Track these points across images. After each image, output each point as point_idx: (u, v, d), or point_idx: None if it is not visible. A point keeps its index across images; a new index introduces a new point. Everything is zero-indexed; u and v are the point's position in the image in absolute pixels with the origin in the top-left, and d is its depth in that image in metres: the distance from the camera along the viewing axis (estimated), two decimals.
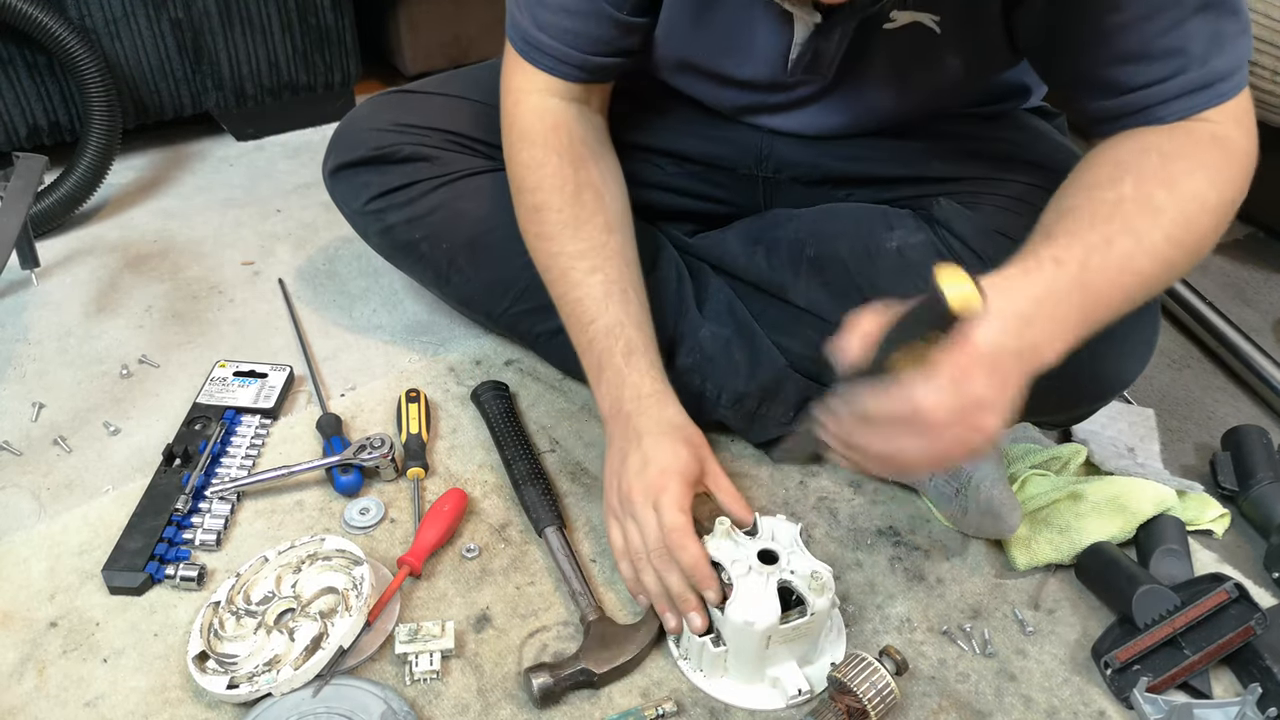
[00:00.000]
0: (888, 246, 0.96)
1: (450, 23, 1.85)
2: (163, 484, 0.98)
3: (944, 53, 0.85)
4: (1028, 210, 0.93)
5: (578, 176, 0.92)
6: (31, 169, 1.19)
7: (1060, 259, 0.70)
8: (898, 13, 0.82)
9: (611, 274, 0.92)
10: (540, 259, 0.96)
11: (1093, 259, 0.70)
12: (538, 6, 0.90)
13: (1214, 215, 0.75)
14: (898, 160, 1.01)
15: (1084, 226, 0.72)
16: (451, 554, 0.94)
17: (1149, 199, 0.73)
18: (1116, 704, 0.83)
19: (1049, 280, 0.69)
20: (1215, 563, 0.96)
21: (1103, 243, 0.71)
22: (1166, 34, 0.74)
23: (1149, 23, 0.74)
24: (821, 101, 0.94)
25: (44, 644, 0.85)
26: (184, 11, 1.51)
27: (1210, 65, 0.75)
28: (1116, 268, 0.71)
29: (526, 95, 0.95)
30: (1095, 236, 0.71)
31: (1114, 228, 0.71)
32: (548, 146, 0.93)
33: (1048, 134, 1.02)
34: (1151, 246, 0.72)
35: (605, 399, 0.91)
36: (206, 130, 1.73)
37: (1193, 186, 0.74)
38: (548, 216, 0.94)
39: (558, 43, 0.91)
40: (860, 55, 0.87)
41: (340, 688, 0.79)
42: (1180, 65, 0.75)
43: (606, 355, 0.91)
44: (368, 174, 1.09)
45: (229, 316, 1.28)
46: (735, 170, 1.08)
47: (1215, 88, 0.76)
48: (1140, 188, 0.73)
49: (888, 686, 0.75)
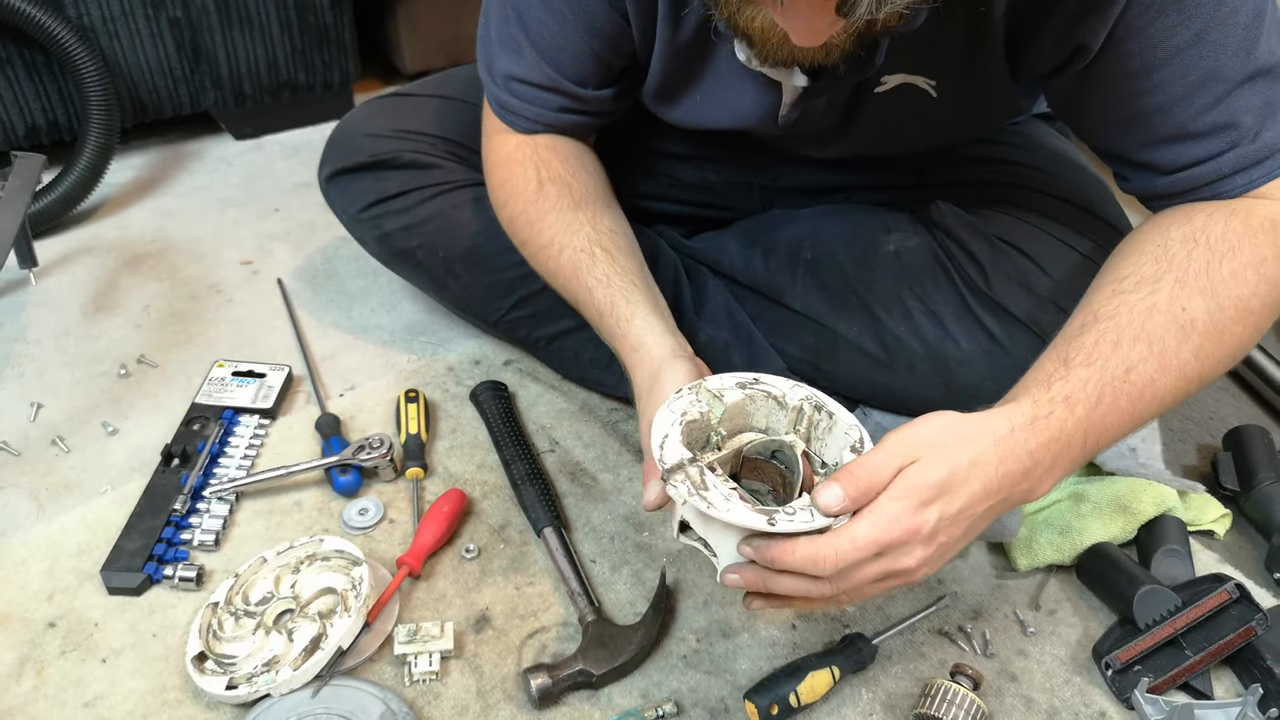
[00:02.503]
0: (885, 249, 0.96)
1: (449, 21, 1.85)
2: (161, 484, 0.98)
3: (942, 112, 0.83)
4: (1025, 213, 0.94)
5: (539, 174, 0.92)
6: (30, 168, 1.18)
7: (1072, 398, 0.66)
8: (888, 76, 0.80)
9: (578, 244, 0.89)
10: (530, 263, 0.95)
11: (1107, 393, 0.66)
12: (508, 80, 0.91)
13: (1256, 319, 0.70)
14: (896, 170, 1.01)
15: (1106, 350, 0.67)
16: (450, 554, 0.94)
17: (1183, 310, 0.68)
18: (1117, 705, 0.83)
19: (1055, 429, 0.65)
20: (1216, 563, 0.96)
21: (1122, 372, 0.67)
22: (1210, 110, 0.70)
23: (1188, 102, 0.70)
24: (818, 137, 0.93)
25: (42, 644, 0.84)
26: (182, 10, 1.51)
27: (1263, 138, 0.71)
28: (1133, 396, 0.67)
29: (497, 135, 0.96)
30: (1116, 364, 0.67)
31: (1138, 352, 0.67)
32: (511, 161, 0.93)
33: (1048, 137, 1.02)
34: (1178, 365, 0.68)
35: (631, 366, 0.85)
36: (205, 129, 1.73)
37: (1236, 291, 0.69)
38: (517, 220, 0.93)
39: (529, 106, 0.91)
40: (854, 113, 0.86)
41: (339, 688, 0.79)
42: (1231, 140, 0.71)
43: (600, 327, 0.87)
44: (364, 181, 1.09)
45: (227, 316, 1.28)
46: (732, 179, 1.08)
47: (1273, 160, 0.71)
48: (1176, 296, 0.69)
49: (974, 704, 0.75)
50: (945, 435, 0.64)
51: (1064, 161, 0.99)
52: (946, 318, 0.92)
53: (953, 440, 0.63)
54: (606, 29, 0.85)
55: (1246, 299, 0.69)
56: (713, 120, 0.91)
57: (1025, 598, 0.92)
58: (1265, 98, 0.70)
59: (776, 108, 0.85)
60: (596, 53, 0.87)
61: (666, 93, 0.90)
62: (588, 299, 0.87)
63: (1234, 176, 0.73)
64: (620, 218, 0.94)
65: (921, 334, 0.93)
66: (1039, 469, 0.65)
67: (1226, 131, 0.71)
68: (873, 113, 0.85)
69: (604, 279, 0.86)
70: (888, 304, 0.94)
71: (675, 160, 1.08)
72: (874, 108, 0.84)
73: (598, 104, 0.92)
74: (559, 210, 0.90)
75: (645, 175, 1.09)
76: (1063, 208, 0.93)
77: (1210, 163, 0.73)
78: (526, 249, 0.94)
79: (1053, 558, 0.93)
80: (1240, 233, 0.71)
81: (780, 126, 0.87)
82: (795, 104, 0.83)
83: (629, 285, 0.86)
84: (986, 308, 0.91)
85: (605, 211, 0.92)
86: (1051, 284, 0.89)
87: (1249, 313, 0.70)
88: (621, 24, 0.84)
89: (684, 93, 0.89)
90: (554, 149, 0.93)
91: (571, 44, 0.86)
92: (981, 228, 0.93)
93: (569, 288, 0.90)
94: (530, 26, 0.87)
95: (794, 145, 0.97)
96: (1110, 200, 0.96)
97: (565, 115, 0.92)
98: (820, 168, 1.02)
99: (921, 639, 0.88)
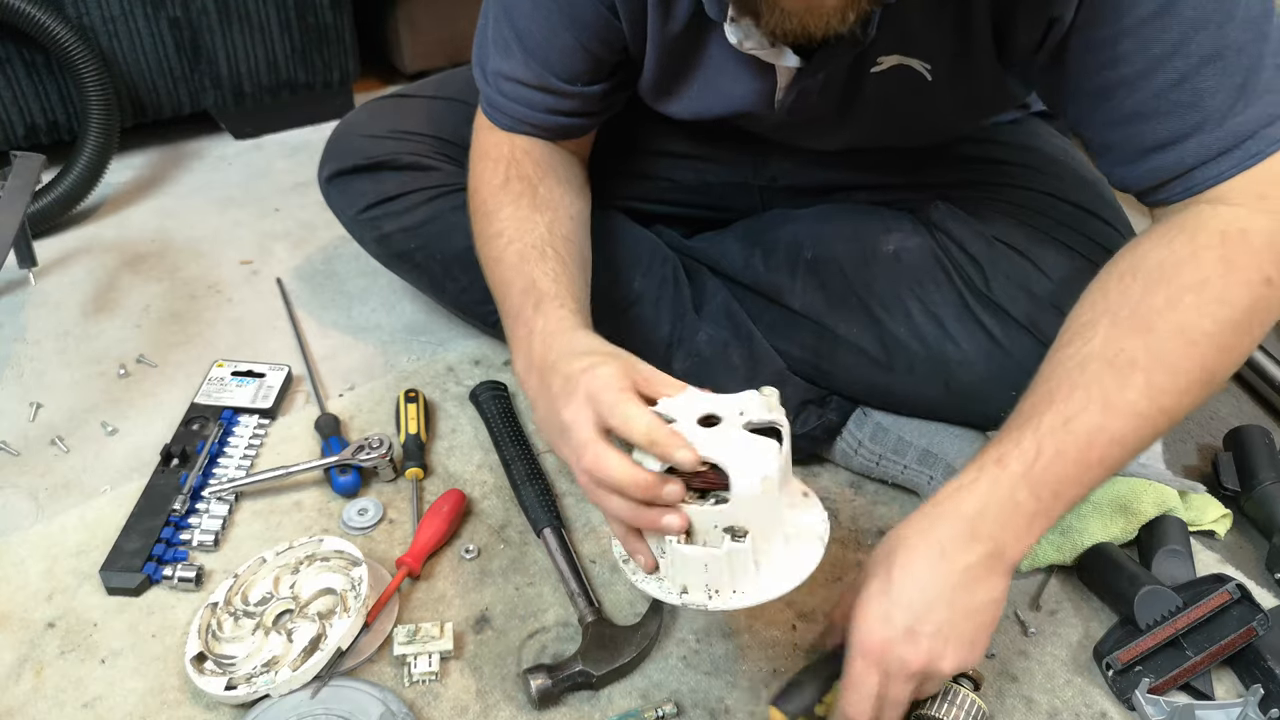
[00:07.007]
0: (885, 250, 0.96)
1: (449, 21, 1.85)
2: (160, 484, 0.98)
3: (936, 96, 0.83)
4: (1025, 214, 0.94)
5: (507, 172, 0.91)
6: (29, 168, 1.18)
7: (1003, 458, 0.66)
8: (884, 56, 0.80)
9: (529, 240, 0.84)
10: (478, 255, 0.91)
11: (1046, 446, 0.66)
12: (498, 78, 0.91)
13: (1212, 343, 0.67)
14: (895, 168, 1.01)
15: (1041, 406, 0.67)
16: (450, 555, 0.94)
17: (1119, 354, 0.67)
18: (1118, 705, 0.82)
19: (986, 490, 0.66)
20: (1217, 563, 0.96)
21: (1061, 424, 0.66)
22: (1174, 89, 0.68)
23: (1151, 76, 0.68)
24: (816, 124, 0.92)
25: (41, 645, 0.84)
26: (182, 10, 1.51)
27: (1230, 124, 0.68)
28: (1081, 446, 0.66)
29: (484, 130, 0.95)
30: (1051, 419, 0.66)
31: (1074, 404, 0.66)
32: (486, 158, 0.93)
33: (1047, 136, 1.02)
34: (1127, 407, 0.66)
35: (518, 361, 0.79)
36: (204, 129, 1.73)
37: (1176, 320, 0.67)
38: (476, 212, 0.92)
39: (517, 105, 0.91)
40: (851, 95, 0.85)
41: (338, 689, 0.79)
42: (1194, 122, 0.68)
43: (518, 316, 0.80)
44: (363, 182, 1.09)
45: (227, 316, 1.28)
46: (731, 180, 1.08)
47: (1241, 149, 0.68)
48: (1110, 341, 0.67)
49: (974, 705, 0.75)
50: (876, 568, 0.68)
51: (1063, 162, 0.99)
52: (946, 318, 0.92)
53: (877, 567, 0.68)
54: (593, 23, 0.85)
55: (1192, 325, 0.67)
56: (710, 110, 0.90)
57: (1026, 598, 0.92)
58: (1236, 79, 0.67)
59: (773, 92, 0.85)
60: (585, 46, 0.86)
61: (662, 86, 0.90)
62: (519, 280, 0.81)
63: (1200, 169, 0.70)
64: (580, 231, 0.91)
65: (921, 334, 0.93)
66: (984, 528, 0.66)
67: (1189, 112, 0.68)
68: (870, 96, 0.85)
69: (552, 274, 0.82)
70: (887, 304, 0.94)
71: (674, 161, 1.08)
72: (871, 91, 0.84)
73: (588, 102, 0.91)
74: (517, 206, 0.88)
75: (643, 177, 1.09)
76: (1062, 208, 0.93)
77: (1173, 149, 0.70)
78: (478, 240, 0.91)
79: (1053, 558, 0.93)
80: (1182, 255, 0.69)
81: (778, 111, 0.87)
82: (791, 86, 0.83)
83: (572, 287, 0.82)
84: (986, 308, 0.91)
85: (565, 220, 0.89)
86: (1051, 285, 0.89)
87: (1202, 336, 0.67)
88: (609, 18, 0.84)
89: (680, 84, 0.89)
90: (530, 152, 0.92)
91: (559, 39, 0.86)
92: (981, 229, 0.93)
93: (503, 275, 0.83)
94: (518, 23, 0.87)
95: (792, 135, 0.96)
96: (1110, 201, 0.96)
97: (552, 117, 0.92)
98: (819, 165, 1.02)
99: None
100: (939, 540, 0.66)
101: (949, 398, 0.94)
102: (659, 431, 0.65)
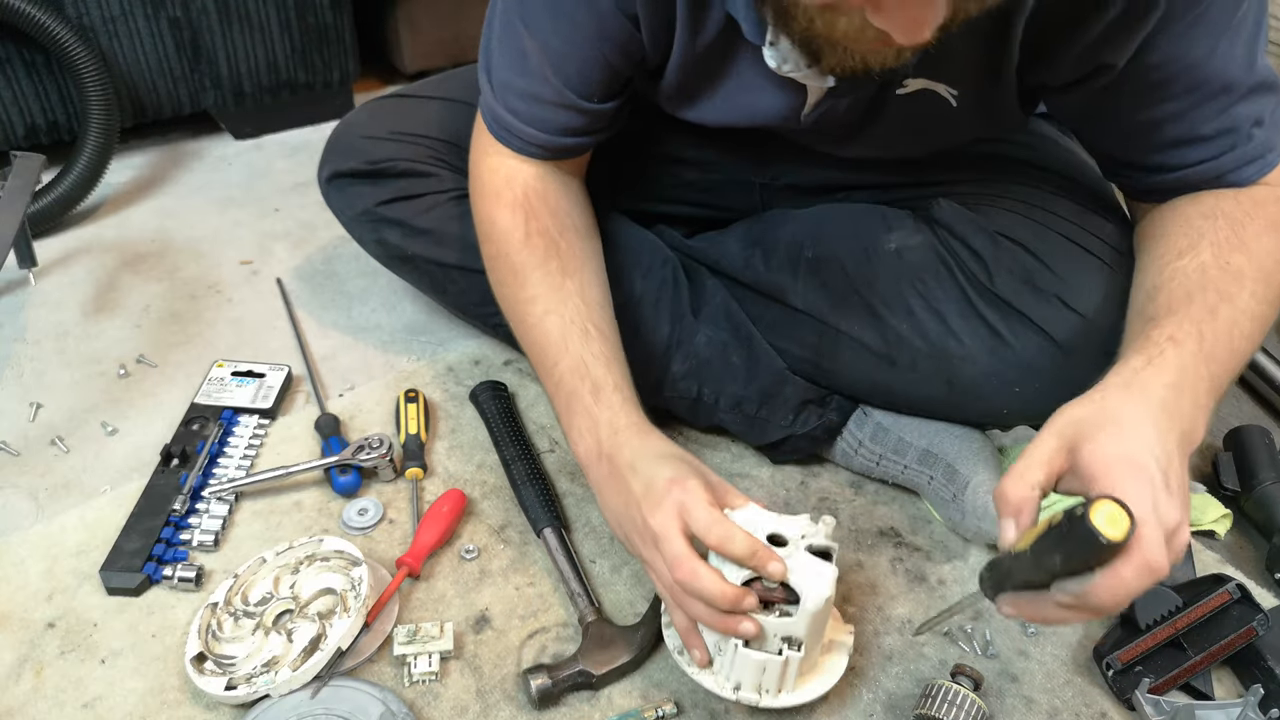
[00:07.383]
0: (886, 248, 0.96)
1: (449, 21, 1.85)
2: (160, 484, 0.98)
3: (958, 119, 0.85)
4: (1028, 210, 0.93)
5: (527, 225, 0.90)
6: (29, 168, 1.18)
7: (1176, 338, 0.70)
8: (910, 79, 0.81)
9: (568, 314, 0.87)
10: (501, 305, 0.94)
11: (1205, 330, 0.70)
12: (506, 91, 0.89)
13: None
14: (897, 168, 1.01)
15: (1181, 300, 0.72)
16: (450, 555, 0.94)
17: (1228, 264, 0.74)
18: (1118, 705, 0.82)
19: (1176, 363, 0.68)
20: (1217, 563, 0.96)
21: (1207, 313, 0.71)
22: (1217, 118, 0.76)
23: (1199, 111, 0.75)
24: (834, 134, 0.92)
25: (41, 645, 0.84)
26: (182, 10, 1.51)
27: (1258, 139, 0.77)
28: (1226, 333, 0.71)
29: (488, 156, 0.94)
30: (1198, 308, 0.71)
31: (1210, 296, 0.72)
32: (499, 199, 0.92)
33: (1049, 135, 1.02)
34: (1246, 308, 0.73)
35: (580, 443, 0.83)
36: (204, 129, 1.73)
37: (1265, 245, 0.75)
38: (499, 264, 0.92)
39: (527, 126, 0.89)
40: (875, 112, 0.86)
41: (338, 689, 0.79)
42: (1231, 143, 0.77)
43: (575, 396, 0.84)
44: (362, 185, 1.09)
45: (227, 316, 1.28)
46: (732, 178, 1.07)
47: (1264, 159, 0.78)
48: (1218, 254, 0.74)
49: (975, 705, 0.75)
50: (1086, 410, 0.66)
51: (1065, 157, 0.99)
52: (949, 314, 0.92)
53: (1094, 413, 0.66)
54: (617, 34, 0.83)
55: (1276, 251, 0.76)
56: (733, 119, 0.90)
57: None
58: (1261, 108, 0.76)
59: (800, 107, 0.85)
60: (607, 58, 0.85)
61: (685, 94, 0.89)
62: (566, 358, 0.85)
63: (1231, 174, 0.78)
64: (604, 294, 0.92)
65: (923, 330, 0.92)
66: (1183, 403, 0.67)
67: (1228, 136, 0.77)
68: (893, 115, 0.85)
69: (602, 358, 0.85)
70: (889, 301, 0.94)
71: (676, 160, 1.08)
72: (894, 110, 0.85)
73: (599, 119, 0.90)
74: (546, 271, 0.89)
75: (644, 177, 1.09)
76: (1065, 203, 0.93)
77: (1211, 162, 0.78)
78: (503, 291, 0.92)
79: None
80: (1250, 205, 0.77)
81: (802, 124, 0.87)
82: (819, 103, 0.83)
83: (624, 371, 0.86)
84: (989, 303, 0.91)
85: (593, 286, 0.91)
86: (1055, 279, 0.89)
87: None
88: (631, 29, 0.83)
89: (703, 93, 0.89)
90: (544, 197, 0.92)
91: (581, 50, 0.84)
92: (983, 224, 0.93)
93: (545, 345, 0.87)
94: (536, 33, 0.85)
95: (809, 141, 0.96)
96: (1111, 196, 0.96)
97: (564, 138, 0.90)
98: (823, 166, 1.02)
99: (922, 639, 0.87)
100: (1153, 418, 0.65)
101: (951, 394, 0.94)
102: (761, 551, 0.72)
